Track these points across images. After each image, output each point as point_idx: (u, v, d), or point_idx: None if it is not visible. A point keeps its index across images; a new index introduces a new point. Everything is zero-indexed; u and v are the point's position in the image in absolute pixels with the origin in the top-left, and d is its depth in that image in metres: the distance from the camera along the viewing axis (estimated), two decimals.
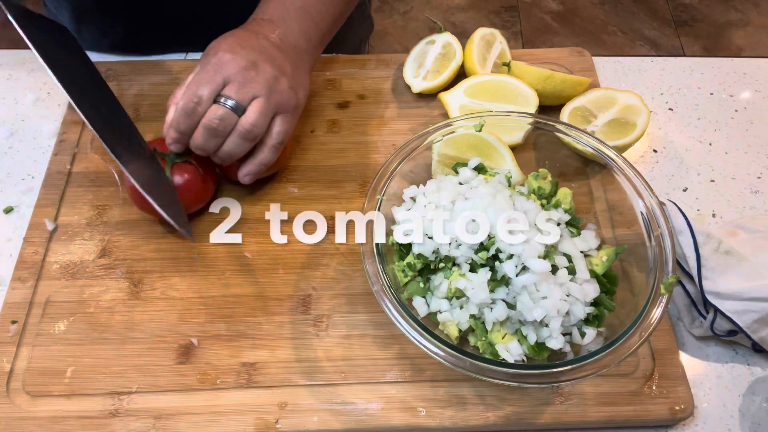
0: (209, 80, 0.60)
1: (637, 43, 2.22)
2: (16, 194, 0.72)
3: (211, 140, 0.61)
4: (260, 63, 0.61)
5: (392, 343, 0.60)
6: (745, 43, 2.21)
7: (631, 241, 0.59)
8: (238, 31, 0.66)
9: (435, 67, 0.78)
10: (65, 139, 0.74)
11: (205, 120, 0.60)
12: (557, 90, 0.73)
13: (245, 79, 0.60)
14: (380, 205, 0.58)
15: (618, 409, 0.57)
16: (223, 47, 0.62)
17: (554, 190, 0.62)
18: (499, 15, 2.31)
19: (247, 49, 0.62)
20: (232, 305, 0.62)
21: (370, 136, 0.75)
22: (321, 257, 0.66)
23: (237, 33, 0.65)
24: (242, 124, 0.60)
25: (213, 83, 0.60)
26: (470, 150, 0.65)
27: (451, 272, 0.56)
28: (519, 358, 0.53)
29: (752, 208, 0.71)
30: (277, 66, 0.63)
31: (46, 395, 0.57)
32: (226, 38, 0.64)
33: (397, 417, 0.56)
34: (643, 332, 0.51)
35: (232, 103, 0.60)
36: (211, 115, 0.60)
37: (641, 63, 0.85)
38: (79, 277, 0.64)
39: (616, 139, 0.70)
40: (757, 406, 0.58)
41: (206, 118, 0.60)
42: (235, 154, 0.62)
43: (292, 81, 0.64)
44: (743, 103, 0.81)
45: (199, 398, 0.57)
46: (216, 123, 0.60)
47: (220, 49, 0.61)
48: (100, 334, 0.61)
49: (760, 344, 0.59)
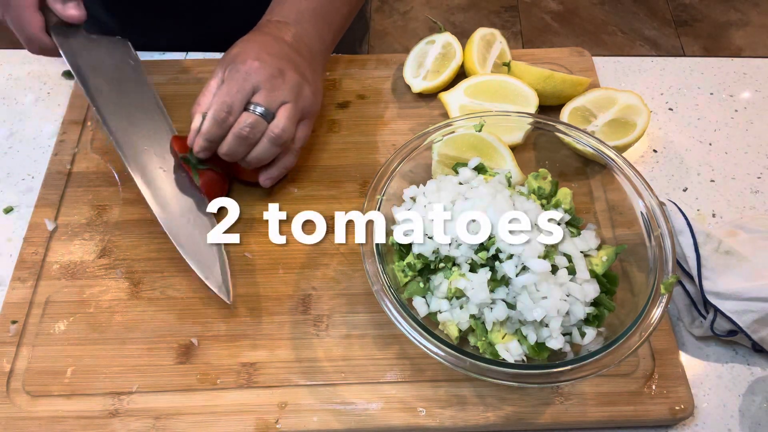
0: (239, 89, 0.61)
1: (637, 43, 2.22)
2: (16, 194, 0.72)
3: (241, 147, 0.62)
4: (286, 70, 0.63)
5: (392, 343, 0.60)
6: (745, 43, 2.21)
7: (631, 241, 0.59)
8: (258, 35, 0.67)
9: (435, 67, 0.78)
10: (65, 139, 0.74)
11: (236, 129, 0.61)
12: (557, 90, 0.73)
13: (273, 87, 0.62)
14: (380, 205, 0.58)
15: (618, 409, 0.57)
16: (251, 54, 0.62)
17: (554, 190, 0.62)
18: (499, 15, 2.31)
19: (272, 56, 0.63)
20: (232, 305, 0.62)
21: (370, 136, 0.75)
22: (321, 257, 0.66)
23: (258, 38, 0.66)
24: (272, 130, 0.62)
25: (243, 91, 0.61)
26: (470, 150, 0.65)
27: (451, 272, 0.56)
28: (519, 358, 0.53)
29: (752, 208, 0.71)
30: (300, 72, 0.65)
31: (46, 395, 0.57)
32: (250, 44, 0.65)
33: (397, 417, 0.56)
34: (643, 332, 0.51)
35: (261, 110, 0.61)
36: (243, 123, 0.61)
37: (641, 63, 0.85)
38: (79, 277, 0.64)
39: (616, 139, 0.70)
40: (757, 406, 0.58)
41: (237, 126, 0.61)
42: (264, 159, 0.64)
43: (313, 86, 0.66)
44: (743, 103, 0.81)
45: (199, 398, 0.57)
46: (247, 131, 0.61)
47: (248, 56, 0.62)
48: (100, 334, 0.61)
49: (760, 344, 0.59)
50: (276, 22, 0.69)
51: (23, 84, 0.82)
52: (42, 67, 0.84)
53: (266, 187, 0.67)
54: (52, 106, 0.80)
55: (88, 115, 0.77)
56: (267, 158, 0.64)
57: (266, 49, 0.63)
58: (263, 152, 0.63)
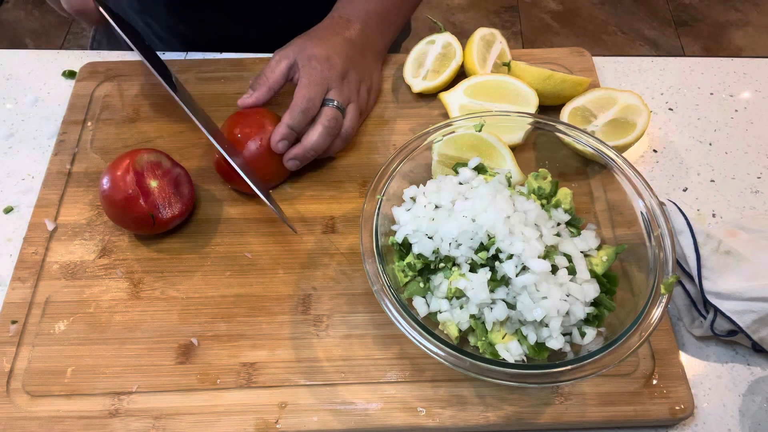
0: (320, 84, 0.67)
1: (637, 43, 2.22)
2: (16, 194, 0.72)
3: (327, 139, 0.67)
4: (350, 71, 0.70)
5: (392, 343, 0.60)
6: (745, 43, 2.21)
7: (631, 241, 0.59)
8: (328, 33, 0.72)
9: (435, 67, 0.78)
10: (65, 139, 0.74)
11: (324, 121, 0.67)
12: (557, 90, 0.73)
13: (342, 86, 0.69)
14: (380, 205, 0.58)
15: (618, 409, 0.57)
16: (322, 53, 0.69)
17: (554, 190, 0.62)
18: (499, 15, 2.31)
19: (341, 57, 0.69)
20: (232, 305, 0.62)
21: (370, 136, 0.75)
22: (321, 257, 0.66)
23: (329, 37, 0.71)
24: (345, 128, 0.70)
25: (322, 87, 0.67)
26: (470, 150, 0.65)
27: (451, 272, 0.56)
28: (519, 358, 0.53)
29: (752, 208, 0.71)
30: (360, 72, 0.72)
31: (46, 395, 0.57)
32: (322, 42, 0.70)
33: (397, 417, 0.56)
34: (643, 332, 0.51)
35: (338, 104, 0.68)
36: (329, 116, 0.67)
37: (641, 63, 0.85)
38: (79, 277, 0.64)
39: (616, 139, 0.70)
40: (757, 406, 0.58)
41: (325, 118, 0.67)
42: (333, 153, 0.71)
43: (369, 84, 0.74)
44: (743, 103, 0.81)
45: (199, 398, 0.57)
46: (333, 123, 0.67)
47: (321, 55, 0.68)
48: (100, 334, 0.61)
49: (760, 344, 0.59)
50: (346, 20, 0.74)
51: (23, 84, 0.82)
52: (42, 67, 0.84)
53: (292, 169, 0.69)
54: (52, 106, 0.80)
55: (88, 115, 0.77)
56: (334, 152, 0.71)
57: (335, 49, 0.70)
58: (335, 147, 0.70)
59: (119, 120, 0.76)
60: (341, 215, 0.68)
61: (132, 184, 0.62)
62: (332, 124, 0.67)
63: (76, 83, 0.80)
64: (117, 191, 0.61)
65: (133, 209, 0.62)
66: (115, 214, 0.63)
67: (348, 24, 0.73)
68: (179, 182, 0.65)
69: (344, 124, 0.69)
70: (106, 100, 0.78)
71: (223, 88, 0.79)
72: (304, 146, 0.66)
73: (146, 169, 0.63)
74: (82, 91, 0.79)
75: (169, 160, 0.66)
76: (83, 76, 0.80)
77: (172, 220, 0.64)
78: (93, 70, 0.81)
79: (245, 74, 0.80)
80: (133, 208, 0.61)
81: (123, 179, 0.62)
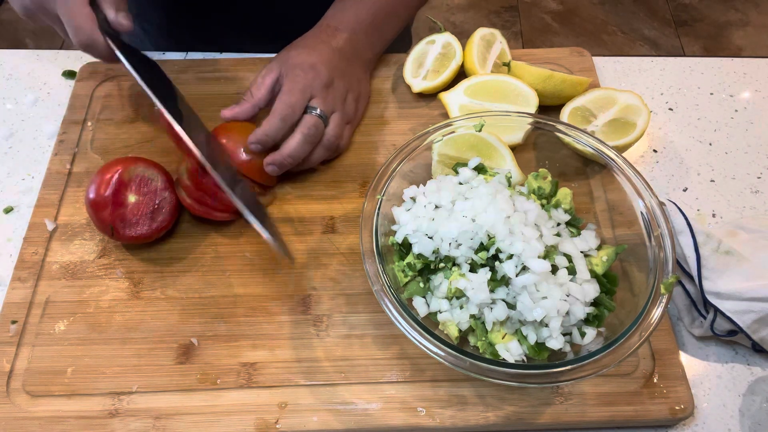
0: (302, 92, 0.66)
1: (637, 43, 2.22)
2: (16, 194, 0.72)
3: (305, 147, 0.66)
4: (336, 80, 0.69)
5: (392, 343, 0.60)
6: (745, 43, 2.21)
7: (631, 241, 0.59)
8: (315, 42, 0.71)
9: (435, 67, 0.78)
10: (65, 139, 0.74)
11: (304, 129, 0.66)
12: (557, 90, 0.73)
13: (327, 94, 0.68)
14: (380, 205, 0.58)
15: (618, 409, 0.57)
16: (307, 61, 0.68)
17: (554, 190, 0.62)
18: (499, 15, 2.31)
19: (326, 66, 0.69)
20: (232, 305, 0.62)
21: (370, 136, 0.75)
22: (321, 257, 0.66)
23: (316, 46, 0.70)
24: (327, 137, 0.68)
25: (304, 95, 0.66)
26: (470, 150, 0.65)
27: (451, 272, 0.56)
28: (519, 358, 0.53)
29: (752, 208, 0.71)
30: (347, 81, 0.71)
31: (46, 395, 0.57)
32: (307, 51, 0.69)
33: (397, 417, 0.56)
34: (643, 332, 0.51)
35: (320, 112, 0.67)
36: (309, 124, 0.66)
37: (641, 63, 0.85)
38: (79, 277, 0.64)
39: (616, 139, 0.70)
40: (757, 406, 0.58)
41: (304, 126, 0.66)
42: (315, 162, 0.70)
43: (356, 93, 0.73)
44: (743, 103, 0.81)
45: (199, 398, 0.57)
46: (313, 131, 0.66)
47: (306, 63, 0.68)
48: (100, 334, 0.61)
49: (760, 344, 0.59)
50: (333, 29, 0.73)
51: (23, 84, 0.82)
52: (42, 67, 0.84)
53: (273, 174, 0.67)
54: (52, 106, 0.80)
55: (88, 115, 0.77)
56: (317, 162, 0.70)
57: (321, 57, 0.69)
58: (318, 156, 0.69)
59: (119, 120, 0.76)
60: (341, 215, 0.69)
61: (110, 190, 0.61)
62: (311, 132, 0.66)
63: (76, 83, 0.80)
64: (93, 190, 0.61)
65: (99, 214, 0.61)
66: (87, 211, 0.63)
67: (335, 33, 0.72)
68: (159, 208, 0.63)
69: (327, 133, 0.68)
70: (106, 100, 0.78)
71: (223, 88, 0.79)
72: (282, 153, 0.65)
73: (133, 182, 0.62)
74: (82, 91, 0.79)
75: (165, 182, 0.64)
76: (83, 76, 0.80)
77: (132, 239, 0.63)
78: (93, 70, 0.81)
79: (245, 74, 0.80)
80: (99, 212, 0.61)
81: (106, 182, 0.61)
